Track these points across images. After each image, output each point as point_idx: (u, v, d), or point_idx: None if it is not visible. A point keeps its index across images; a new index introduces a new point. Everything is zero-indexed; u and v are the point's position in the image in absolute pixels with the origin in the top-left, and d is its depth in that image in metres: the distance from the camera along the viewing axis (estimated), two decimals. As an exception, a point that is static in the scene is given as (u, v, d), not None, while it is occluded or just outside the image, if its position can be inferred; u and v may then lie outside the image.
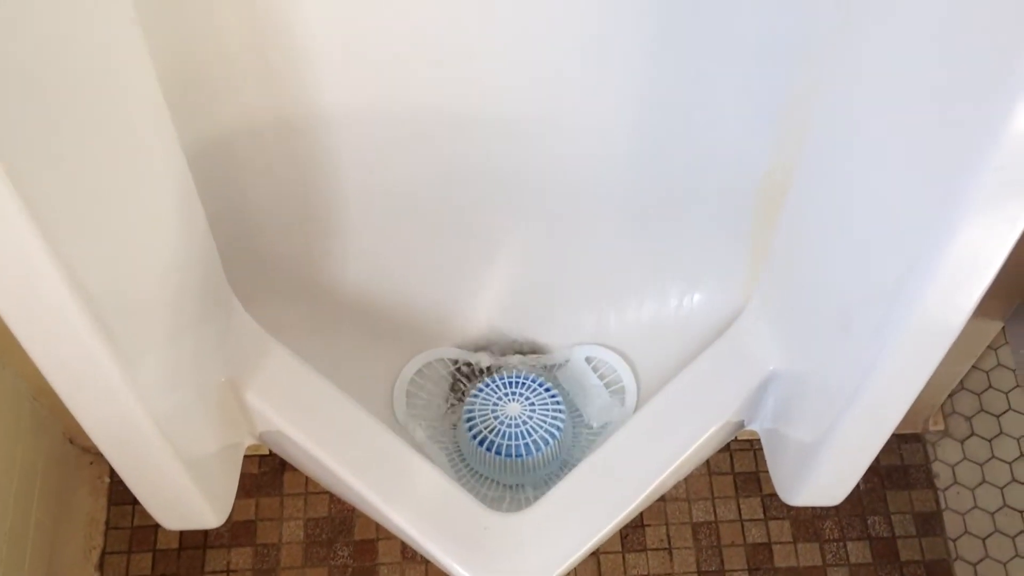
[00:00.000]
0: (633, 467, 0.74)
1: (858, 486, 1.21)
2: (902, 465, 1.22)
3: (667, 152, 0.84)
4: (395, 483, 0.73)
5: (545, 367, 0.99)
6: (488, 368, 0.98)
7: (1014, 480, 1.09)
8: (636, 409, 0.93)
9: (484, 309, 0.99)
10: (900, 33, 0.56)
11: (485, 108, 0.80)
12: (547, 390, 0.94)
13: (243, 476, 1.17)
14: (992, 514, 1.12)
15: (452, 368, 0.99)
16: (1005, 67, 0.44)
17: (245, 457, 0.81)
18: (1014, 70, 0.44)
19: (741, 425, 0.79)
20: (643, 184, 0.88)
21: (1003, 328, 1.03)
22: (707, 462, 1.22)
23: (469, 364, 0.99)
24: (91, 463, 1.17)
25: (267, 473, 1.20)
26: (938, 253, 0.51)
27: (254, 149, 0.80)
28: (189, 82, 0.71)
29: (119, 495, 1.17)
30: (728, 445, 1.21)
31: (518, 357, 0.99)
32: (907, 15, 0.55)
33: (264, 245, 0.89)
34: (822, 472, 0.68)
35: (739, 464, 1.22)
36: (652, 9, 0.72)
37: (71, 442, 1.14)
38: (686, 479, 1.21)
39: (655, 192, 0.88)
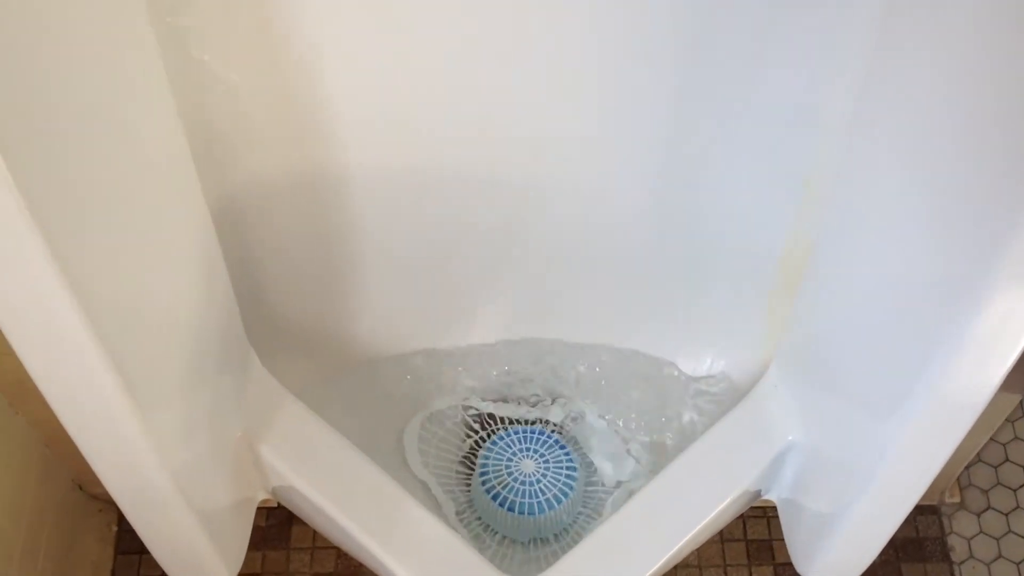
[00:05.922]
0: (646, 538, 0.73)
1: (872, 557, 1.20)
2: (917, 537, 1.20)
3: (685, 218, 0.84)
4: (406, 542, 0.73)
5: (560, 421, 0.98)
6: (502, 419, 0.98)
7: (1031, 556, 1.08)
8: (650, 470, 0.92)
9: (499, 360, 0.99)
10: (920, 108, 0.56)
11: (501, 169, 0.81)
12: (561, 447, 0.94)
13: (251, 528, 1.16)
14: (1009, 590, 1.10)
15: (465, 417, 0.98)
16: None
17: (254, 509, 0.81)
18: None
19: (758, 494, 0.78)
20: (662, 251, 0.88)
21: (1021, 401, 1.02)
22: (719, 528, 1.20)
23: (483, 414, 0.98)
24: (100, 510, 1.16)
25: (274, 526, 1.19)
26: (961, 332, 0.51)
27: (272, 205, 0.81)
28: (213, 138, 0.72)
29: (127, 543, 1.16)
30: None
31: (533, 409, 0.99)
32: (927, 91, 0.55)
33: (281, 299, 0.89)
34: (839, 546, 0.67)
35: (752, 531, 1.20)
36: (669, 76, 0.73)
37: (80, 488, 1.13)
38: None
39: (675, 258, 0.89)
